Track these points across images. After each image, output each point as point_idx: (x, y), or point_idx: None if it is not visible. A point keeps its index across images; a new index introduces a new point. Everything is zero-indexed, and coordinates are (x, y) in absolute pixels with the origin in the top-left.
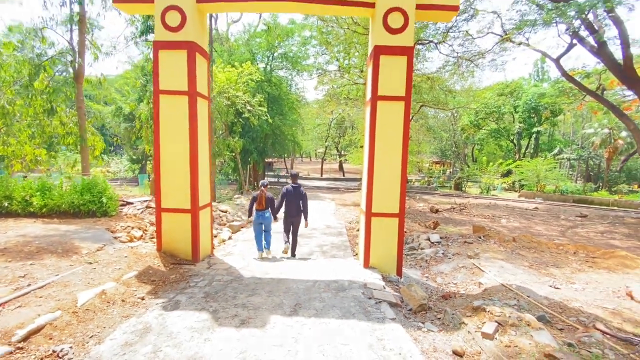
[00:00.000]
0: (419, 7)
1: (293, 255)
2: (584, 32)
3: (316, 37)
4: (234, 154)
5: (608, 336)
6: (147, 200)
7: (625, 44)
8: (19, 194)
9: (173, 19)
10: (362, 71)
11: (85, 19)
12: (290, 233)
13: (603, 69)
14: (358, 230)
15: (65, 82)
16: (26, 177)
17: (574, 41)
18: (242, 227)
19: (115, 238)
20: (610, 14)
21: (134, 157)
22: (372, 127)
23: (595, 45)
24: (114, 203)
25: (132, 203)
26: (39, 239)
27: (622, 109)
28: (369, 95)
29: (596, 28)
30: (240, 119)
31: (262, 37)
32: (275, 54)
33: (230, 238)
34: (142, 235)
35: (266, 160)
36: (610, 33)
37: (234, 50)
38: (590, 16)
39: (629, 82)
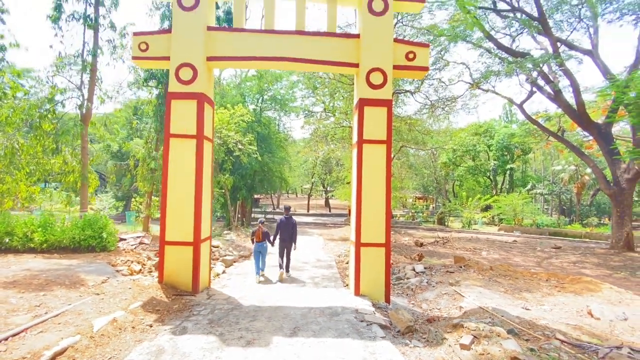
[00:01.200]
0: (396, 67)
1: (287, 272)
2: (541, 82)
3: (303, 81)
4: (223, 191)
5: (565, 344)
6: (140, 237)
7: (576, 91)
8: (20, 230)
9: (186, 74)
10: (347, 114)
11: (96, 68)
12: (284, 255)
13: (562, 113)
14: (347, 263)
15: (74, 124)
16: None
17: (534, 89)
18: (234, 262)
19: (117, 271)
20: (561, 67)
21: (119, 194)
22: (359, 166)
23: (552, 92)
24: (114, 238)
25: (125, 239)
26: (45, 273)
27: (584, 148)
28: (355, 138)
29: (551, 79)
30: (231, 157)
31: (252, 81)
32: (265, 97)
33: (224, 272)
34: (140, 269)
35: (253, 197)
36: (565, 82)
37: (226, 93)
38: (546, 68)
39: (584, 124)
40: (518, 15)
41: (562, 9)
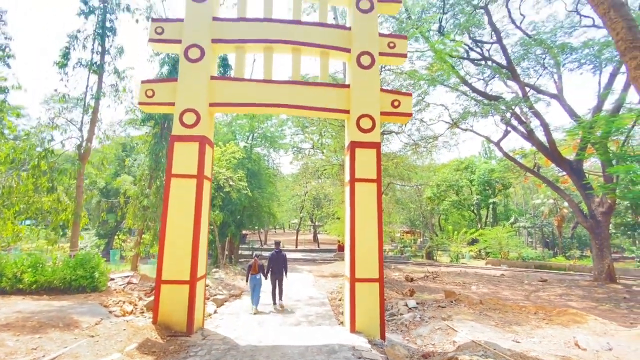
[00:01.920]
0: (383, 113)
1: (280, 299)
2: (515, 122)
3: (292, 120)
4: (212, 227)
5: None
6: (128, 276)
7: (547, 131)
8: (10, 271)
9: (189, 118)
10: (335, 152)
11: (98, 111)
12: (277, 286)
13: (537, 150)
14: (339, 300)
15: (72, 163)
16: None
17: (509, 128)
18: (225, 301)
19: (110, 312)
20: (531, 109)
21: (101, 232)
22: (352, 203)
23: (525, 132)
24: (105, 278)
25: (113, 279)
26: (37, 315)
27: (560, 182)
28: (348, 177)
29: (524, 119)
30: (221, 193)
31: (243, 120)
32: (256, 134)
33: (215, 312)
34: (132, 310)
35: (242, 233)
36: (536, 122)
37: (217, 131)
38: (518, 110)
39: (556, 161)
40: (489, 63)
41: (527, 57)
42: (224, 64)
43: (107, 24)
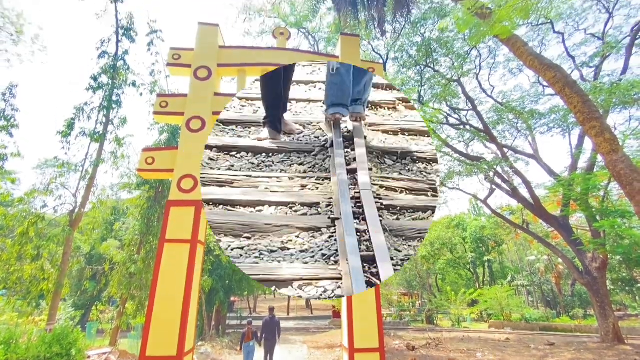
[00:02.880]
0: None
1: None
2: (499, 180)
3: None
4: (199, 295)
5: None
6: (106, 353)
7: (529, 188)
8: None
9: (187, 184)
10: None
11: (95, 177)
12: (269, 355)
13: (524, 207)
14: None
15: (63, 229)
16: None
17: (494, 187)
18: None
19: None
20: (512, 169)
21: (78, 302)
22: None
23: (510, 190)
24: (82, 356)
25: (89, 357)
26: None
27: (551, 238)
28: None
29: (506, 178)
30: (211, 257)
31: None
32: None
33: None
34: None
35: (230, 300)
36: (519, 180)
37: None
38: (500, 169)
39: (543, 217)
40: (467, 127)
41: (502, 122)
42: None
43: (114, 98)
